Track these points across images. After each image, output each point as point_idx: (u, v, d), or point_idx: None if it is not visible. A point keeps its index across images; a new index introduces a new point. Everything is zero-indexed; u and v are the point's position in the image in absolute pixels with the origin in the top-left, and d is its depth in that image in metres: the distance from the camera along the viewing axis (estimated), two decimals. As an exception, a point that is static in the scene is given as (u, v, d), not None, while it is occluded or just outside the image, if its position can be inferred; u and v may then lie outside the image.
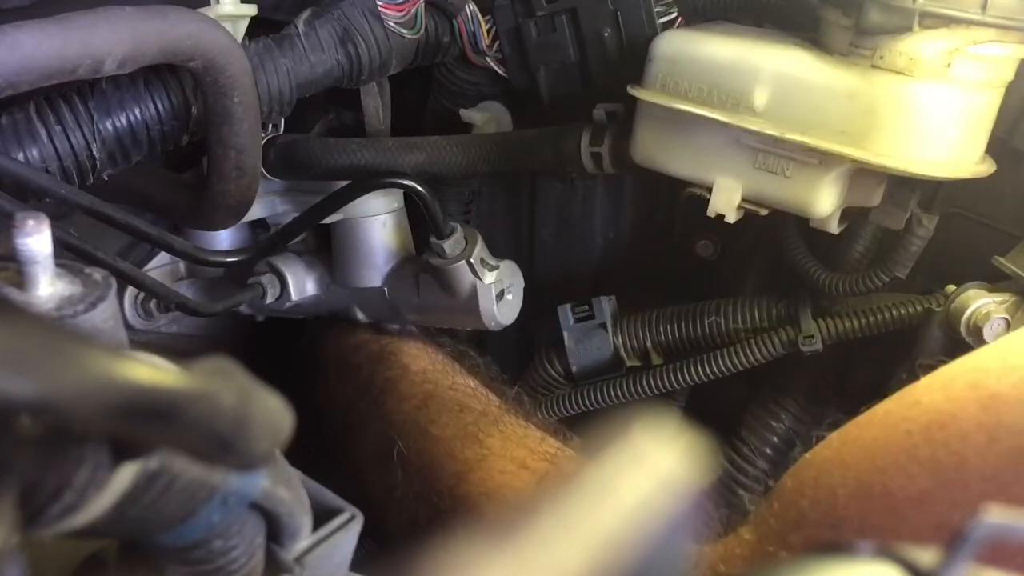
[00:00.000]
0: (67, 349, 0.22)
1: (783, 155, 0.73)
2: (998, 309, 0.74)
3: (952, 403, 0.50)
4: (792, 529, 0.54)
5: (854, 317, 0.88)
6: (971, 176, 0.70)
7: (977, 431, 0.48)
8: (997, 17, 0.64)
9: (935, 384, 0.54)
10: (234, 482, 0.34)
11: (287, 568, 0.41)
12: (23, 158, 0.67)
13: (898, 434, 0.51)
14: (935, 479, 0.48)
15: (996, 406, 0.48)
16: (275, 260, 0.97)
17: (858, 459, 0.53)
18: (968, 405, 0.49)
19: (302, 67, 0.80)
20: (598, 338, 0.99)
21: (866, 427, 0.55)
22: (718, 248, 1.01)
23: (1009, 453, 0.46)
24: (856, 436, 0.55)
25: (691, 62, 0.74)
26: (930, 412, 0.51)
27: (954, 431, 0.49)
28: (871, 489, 0.50)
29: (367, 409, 0.89)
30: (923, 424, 0.50)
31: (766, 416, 0.96)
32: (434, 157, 0.87)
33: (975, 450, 0.47)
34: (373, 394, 0.89)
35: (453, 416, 0.81)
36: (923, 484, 0.48)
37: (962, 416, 0.49)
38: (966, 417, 0.49)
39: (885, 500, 0.49)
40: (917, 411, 0.52)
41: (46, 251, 0.35)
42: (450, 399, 0.84)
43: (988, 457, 0.47)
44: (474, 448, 0.77)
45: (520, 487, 0.73)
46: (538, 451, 0.77)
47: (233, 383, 0.28)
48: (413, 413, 0.84)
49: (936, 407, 0.51)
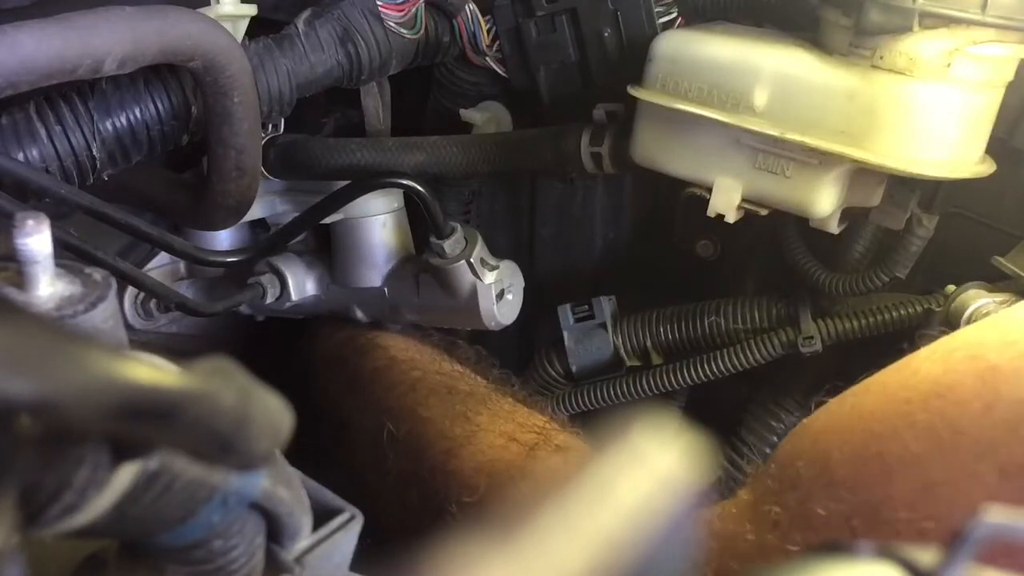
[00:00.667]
0: (67, 349, 0.22)
1: (783, 155, 0.73)
2: (998, 309, 0.74)
3: (951, 375, 0.51)
4: (788, 489, 0.55)
5: (854, 318, 0.88)
6: (971, 176, 0.70)
7: (974, 400, 0.49)
8: (997, 17, 0.64)
9: (934, 356, 0.55)
10: (234, 482, 0.34)
11: (287, 568, 0.41)
12: (23, 158, 0.67)
13: (896, 402, 0.52)
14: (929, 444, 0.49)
15: (994, 378, 0.49)
16: (275, 260, 0.97)
17: (855, 424, 0.54)
18: (966, 377, 0.50)
19: (302, 67, 0.80)
20: (598, 338, 0.99)
21: (864, 395, 0.57)
22: (718, 248, 1.01)
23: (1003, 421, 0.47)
24: (854, 403, 0.57)
25: (691, 62, 0.74)
26: (928, 382, 0.52)
27: (951, 400, 0.50)
28: (865, 452, 0.51)
29: (357, 400, 0.90)
30: (922, 393, 0.51)
31: (766, 416, 0.96)
32: (434, 157, 0.87)
33: (971, 418, 0.48)
34: (362, 384, 0.90)
35: (441, 398, 0.82)
36: (916, 448, 0.49)
37: (960, 387, 0.50)
38: (964, 388, 0.50)
39: (878, 463, 0.50)
40: (916, 380, 0.53)
41: (46, 251, 0.35)
42: (438, 383, 0.85)
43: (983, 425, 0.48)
44: (463, 426, 0.78)
45: (510, 459, 0.73)
46: (526, 424, 0.78)
47: (233, 383, 0.28)
48: (402, 398, 0.84)
49: (935, 378, 0.52)
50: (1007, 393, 0.48)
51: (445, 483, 0.74)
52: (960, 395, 0.49)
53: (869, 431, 0.52)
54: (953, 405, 0.49)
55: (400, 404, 0.84)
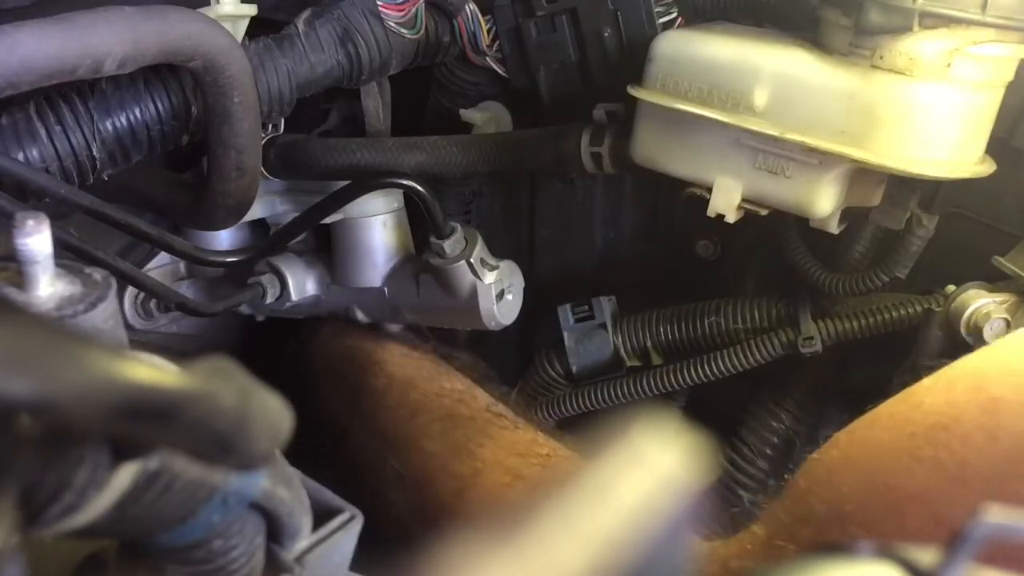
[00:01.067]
0: (67, 349, 0.22)
1: (783, 155, 0.73)
2: (998, 309, 0.74)
3: (954, 407, 0.52)
4: (801, 524, 0.55)
5: (854, 318, 0.88)
6: (971, 176, 0.70)
7: (977, 432, 0.49)
8: (997, 17, 0.64)
9: (937, 387, 0.55)
10: (234, 482, 0.34)
11: (287, 568, 0.41)
12: (23, 158, 0.67)
13: (902, 435, 0.53)
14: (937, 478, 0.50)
15: (996, 409, 0.50)
16: (275, 260, 0.97)
17: (864, 459, 0.55)
18: (969, 408, 0.51)
19: (302, 67, 0.80)
20: (598, 338, 0.99)
21: (871, 428, 0.57)
22: (718, 248, 1.01)
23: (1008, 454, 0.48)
24: (862, 437, 0.57)
25: (691, 62, 0.74)
26: (932, 415, 0.52)
27: (956, 433, 0.50)
28: (875, 487, 0.52)
29: (358, 422, 0.90)
30: (926, 426, 0.52)
31: (766, 416, 0.96)
32: (434, 157, 0.87)
33: (975, 451, 0.49)
34: (363, 406, 0.90)
35: (443, 426, 0.82)
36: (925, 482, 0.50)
37: (963, 419, 0.51)
38: (967, 420, 0.50)
39: (889, 497, 0.51)
40: (920, 413, 0.54)
41: (46, 251, 0.35)
42: (438, 408, 0.85)
43: (988, 457, 0.48)
44: (468, 462, 0.78)
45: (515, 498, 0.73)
46: (530, 455, 0.78)
47: (233, 383, 0.28)
48: (403, 425, 0.84)
49: (938, 410, 0.52)
50: (1010, 425, 0.48)
51: (451, 523, 0.75)
52: (964, 428, 0.50)
53: (878, 465, 0.53)
54: (957, 438, 0.50)
55: (402, 433, 0.84)
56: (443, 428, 0.82)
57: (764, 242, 0.97)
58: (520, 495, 0.74)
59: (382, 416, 0.87)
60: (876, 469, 0.53)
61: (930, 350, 0.79)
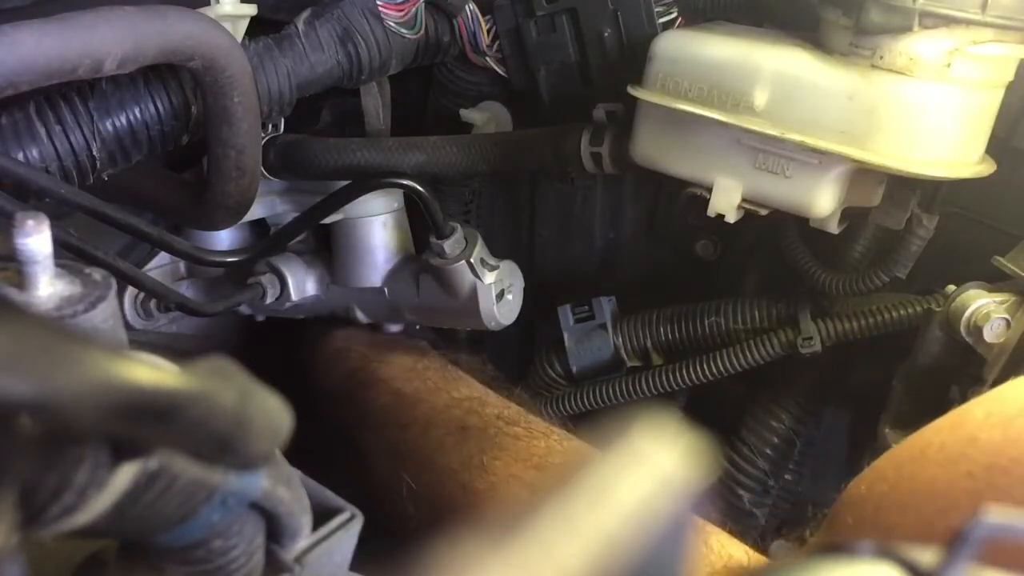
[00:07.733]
0: (67, 349, 0.22)
1: (783, 155, 0.72)
2: (998, 309, 0.74)
3: (1013, 445, 0.49)
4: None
5: (853, 318, 0.88)
6: (971, 176, 0.70)
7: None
8: (997, 17, 0.64)
9: (992, 420, 0.52)
10: (234, 482, 0.34)
11: (287, 568, 0.41)
12: (23, 158, 0.67)
13: (959, 474, 0.51)
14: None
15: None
16: (275, 260, 0.97)
17: (918, 499, 0.52)
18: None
19: (302, 67, 0.80)
20: (598, 338, 0.99)
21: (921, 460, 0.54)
22: (718, 248, 1.01)
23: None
24: (912, 473, 0.54)
25: (691, 62, 0.74)
26: (989, 453, 0.50)
27: (1018, 476, 0.48)
28: (932, 528, 0.50)
29: (370, 440, 0.89)
30: (984, 465, 0.50)
31: (766, 416, 0.96)
32: (434, 157, 0.87)
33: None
34: (373, 426, 0.89)
35: (455, 439, 0.81)
36: None
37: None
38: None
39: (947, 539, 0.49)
40: (975, 450, 0.51)
41: (46, 251, 0.35)
42: (450, 420, 0.84)
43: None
44: (483, 476, 0.77)
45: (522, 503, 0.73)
46: (544, 464, 0.77)
47: (233, 383, 0.28)
48: (416, 441, 0.84)
49: (996, 448, 0.50)
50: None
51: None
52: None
53: (933, 505, 0.51)
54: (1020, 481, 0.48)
55: (415, 449, 0.83)
56: (455, 442, 0.81)
57: (764, 242, 0.97)
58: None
59: (393, 433, 0.86)
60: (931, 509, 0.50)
61: (930, 350, 0.79)
